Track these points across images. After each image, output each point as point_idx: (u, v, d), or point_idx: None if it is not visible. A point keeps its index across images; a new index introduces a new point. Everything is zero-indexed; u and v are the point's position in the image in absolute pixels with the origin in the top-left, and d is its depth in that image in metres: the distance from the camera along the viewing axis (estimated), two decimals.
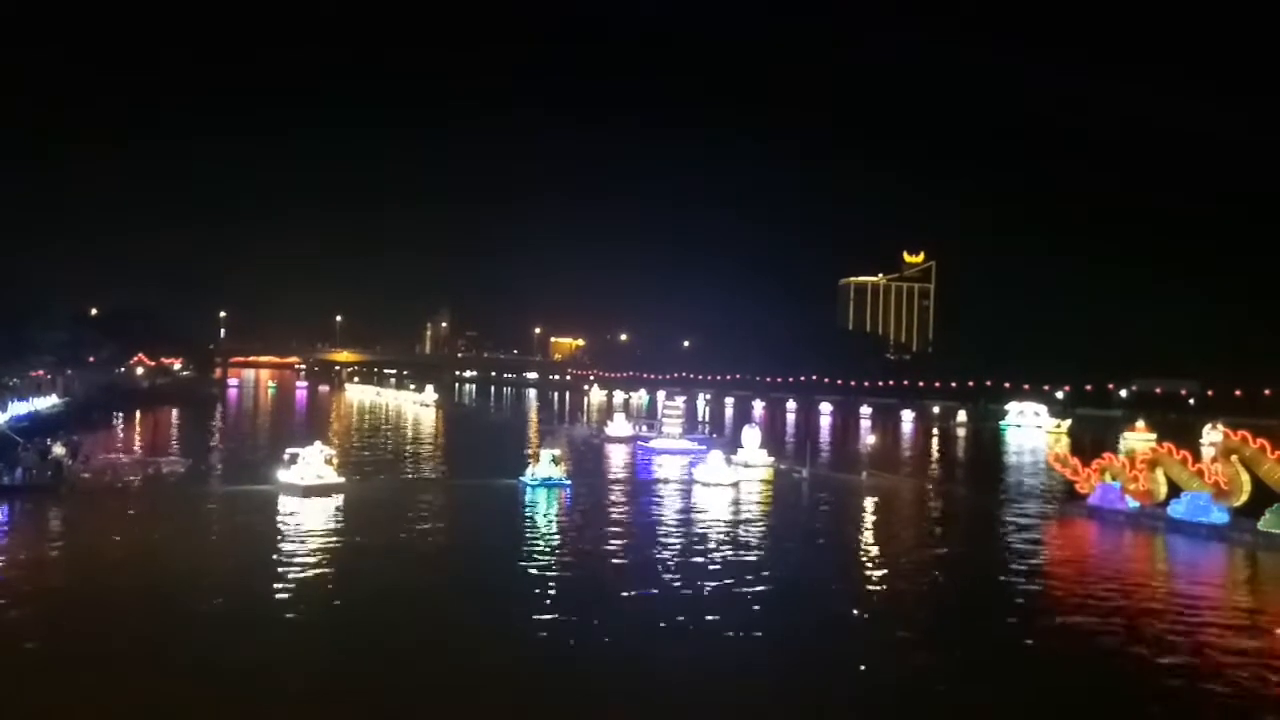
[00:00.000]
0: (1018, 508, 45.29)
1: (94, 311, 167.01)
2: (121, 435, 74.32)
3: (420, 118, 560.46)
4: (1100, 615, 25.27)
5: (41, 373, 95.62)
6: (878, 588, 28.88)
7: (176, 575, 26.96)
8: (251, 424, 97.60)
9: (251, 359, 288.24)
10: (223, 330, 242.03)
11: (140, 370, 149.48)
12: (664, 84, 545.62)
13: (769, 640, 22.55)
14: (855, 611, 25.66)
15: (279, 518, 36.30)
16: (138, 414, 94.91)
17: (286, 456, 42.61)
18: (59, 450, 44.30)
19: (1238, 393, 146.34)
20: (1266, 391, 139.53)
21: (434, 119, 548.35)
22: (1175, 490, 38.66)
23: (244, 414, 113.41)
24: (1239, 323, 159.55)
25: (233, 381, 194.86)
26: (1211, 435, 74.33)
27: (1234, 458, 36.88)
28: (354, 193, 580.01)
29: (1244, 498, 36.43)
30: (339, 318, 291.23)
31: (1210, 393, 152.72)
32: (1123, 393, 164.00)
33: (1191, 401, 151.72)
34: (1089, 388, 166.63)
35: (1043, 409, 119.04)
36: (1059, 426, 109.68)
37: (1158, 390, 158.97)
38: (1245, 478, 36.47)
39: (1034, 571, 31.48)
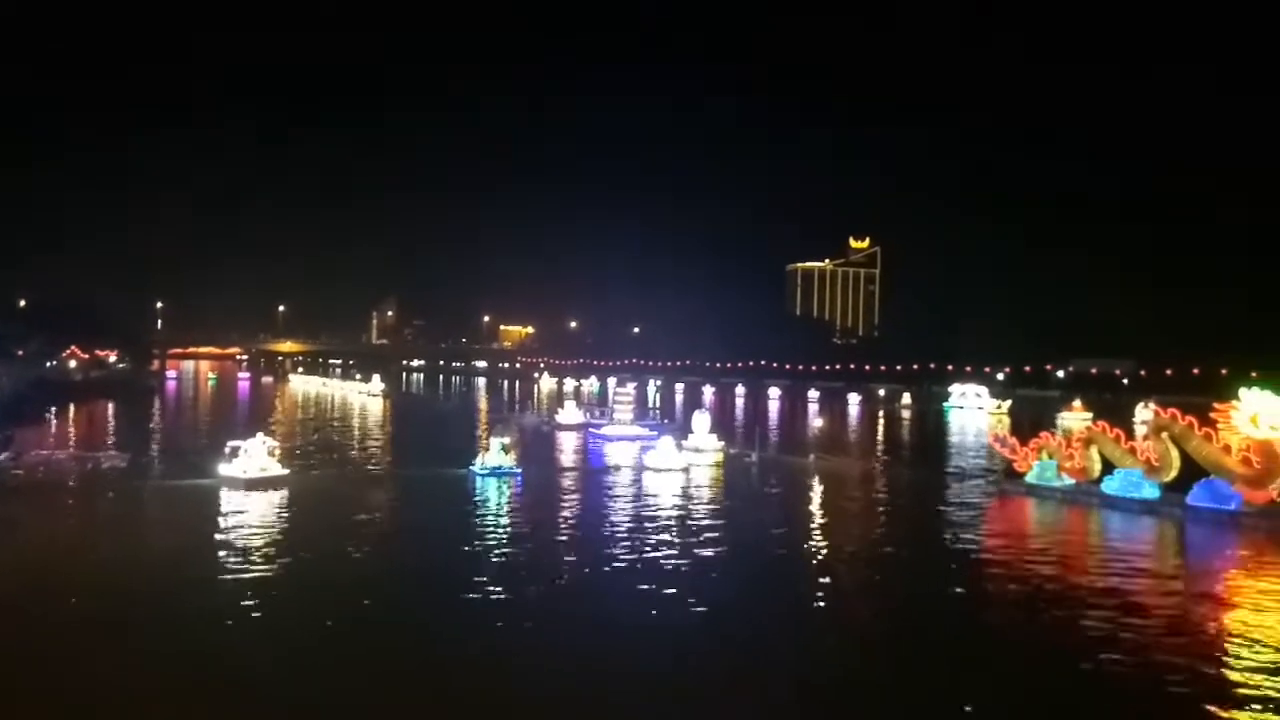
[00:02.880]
0: (960, 486, 46.44)
1: (22, 303, 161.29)
2: (55, 430, 72.00)
3: (364, 107, 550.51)
4: (1035, 584, 26.23)
5: None
6: (825, 565, 29.32)
7: (115, 571, 26.27)
8: (192, 417, 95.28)
9: (191, 350, 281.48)
10: (160, 321, 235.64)
11: (73, 363, 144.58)
12: (610, 71, 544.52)
13: (721, 621, 22.78)
14: (803, 590, 26.03)
15: (221, 512, 35.58)
16: (71, 408, 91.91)
17: (228, 449, 41.72)
18: None
19: (1169, 372, 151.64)
20: (1195, 370, 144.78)
21: (377, 108, 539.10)
22: (1109, 467, 40.04)
23: (184, 406, 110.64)
24: (1172, 305, 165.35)
25: (171, 373, 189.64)
26: (1143, 413, 76.84)
27: (1164, 435, 38.24)
28: (298, 180, 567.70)
29: (1174, 473, 37.84)
30: (281, 307, 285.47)
31: (1144, 372, 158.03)
32: (1060, 374, 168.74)
33: (1126, 381, 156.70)
34: (1028, 369, 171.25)
35: (984, 390, 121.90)
36: (1000, 407, 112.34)
37: (1094, 371, 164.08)
38: (1175, 454, 37.86)
39: (974, 546, 32.37)
